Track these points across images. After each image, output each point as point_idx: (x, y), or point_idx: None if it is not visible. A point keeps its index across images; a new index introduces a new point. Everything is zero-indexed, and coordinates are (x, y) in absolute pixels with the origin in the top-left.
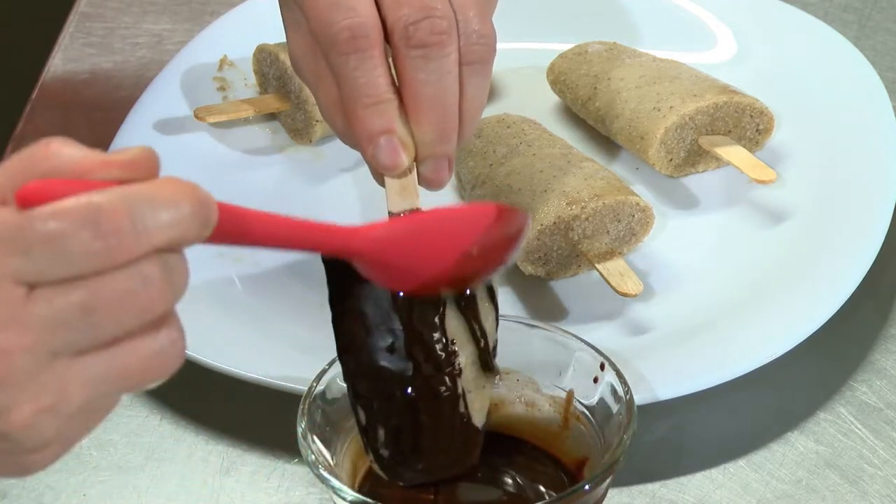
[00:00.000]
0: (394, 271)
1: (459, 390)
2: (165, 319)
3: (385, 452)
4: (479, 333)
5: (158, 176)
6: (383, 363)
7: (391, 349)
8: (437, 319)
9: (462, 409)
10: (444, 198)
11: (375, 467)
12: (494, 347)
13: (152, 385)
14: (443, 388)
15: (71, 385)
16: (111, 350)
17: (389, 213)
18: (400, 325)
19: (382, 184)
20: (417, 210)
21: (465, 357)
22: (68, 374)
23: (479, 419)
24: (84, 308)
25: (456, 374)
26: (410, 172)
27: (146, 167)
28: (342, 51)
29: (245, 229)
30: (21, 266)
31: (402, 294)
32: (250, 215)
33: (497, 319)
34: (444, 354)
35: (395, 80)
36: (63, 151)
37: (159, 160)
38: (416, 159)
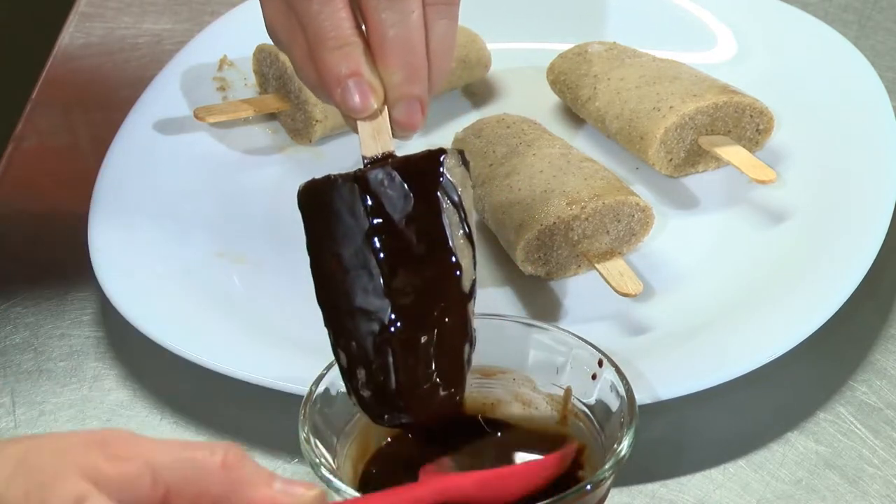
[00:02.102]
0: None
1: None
2: None
3: (367, 393)
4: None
5: None
6: (361, 303)
7: (368, 288)
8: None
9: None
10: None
11: (359, 409)
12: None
13: None
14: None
15: None
16: None
17: (363, 157)
18: (376, 261)
19: (356, 129)
20: (391, 154)
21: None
22: None
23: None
24: None
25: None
26: (381, 115)
27: None
28: None
29: None
30: None
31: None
32: None
33: (474, 254)
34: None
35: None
36: (240, 478)
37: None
38: (386, 103)
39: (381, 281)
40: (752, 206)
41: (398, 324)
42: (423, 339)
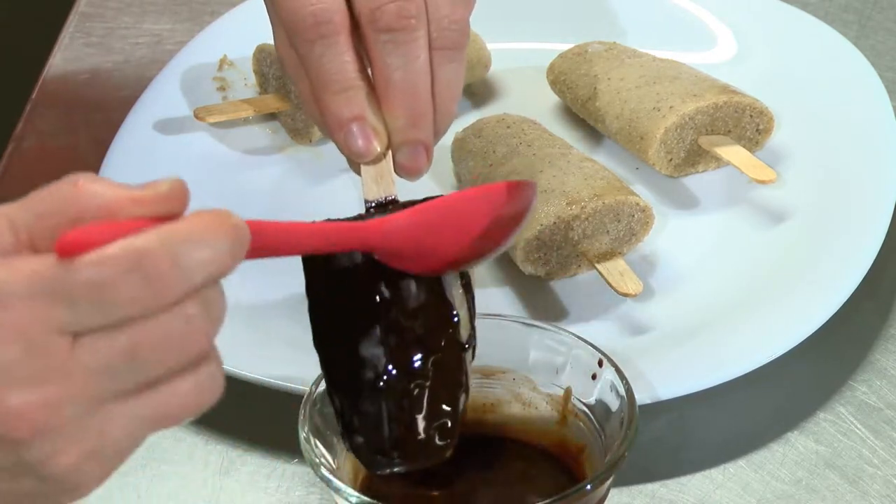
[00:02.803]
0: (410, 258)
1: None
2: (205, 354)
3: (360, 439)
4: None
5: (188, 206)
6: (359, 350)
7: (366, 336)
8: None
9: (439, 390)
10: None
11: (351, 454)
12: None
13: (190, 419)
14: (419, 368)
15: (113, 427)
16: (153, 391)
17: (365, 201)
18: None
19: (358, 172)
20: (394, 198)
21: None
22: (111, 417)
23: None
24: (129, 354)
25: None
26: (385, 159)
27: (177, 200)
28: (307, 38)
29: (271, 244)
30: (65, 317)
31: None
32: (274, 229)
33: (472, 306)
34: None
35: (368, 68)
36: (91, 190)
37: (188, 191)
38: (390, 147)
39: (378, 330)
40: (752, 206)
41: (393, 373)
42: (417, 390)
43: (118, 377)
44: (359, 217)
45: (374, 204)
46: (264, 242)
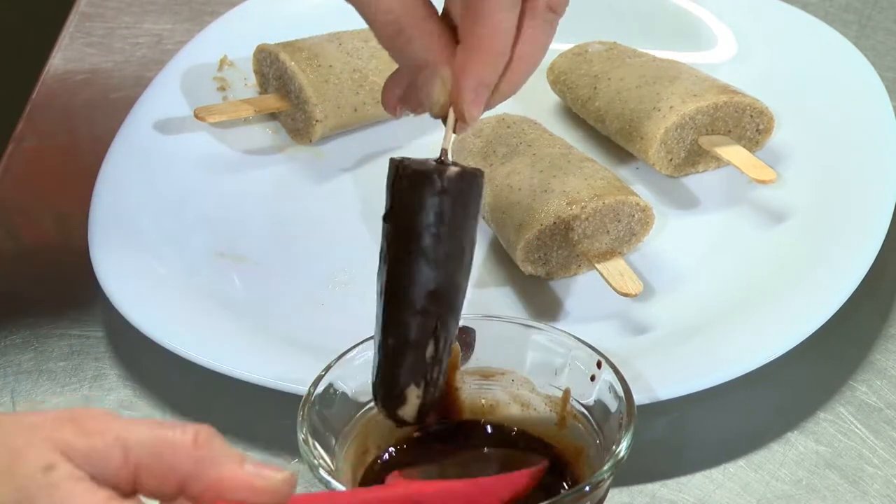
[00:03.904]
0: None
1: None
2: None
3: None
4: None
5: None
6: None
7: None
8: None
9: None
10: None
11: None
12: None
13: None
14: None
15: None
16: None
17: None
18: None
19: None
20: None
21: None
22: None
23: None
24: None
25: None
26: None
27: (286, 496)
28: None
29: None
30: None
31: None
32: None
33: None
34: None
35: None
36: (210, 455)
37: (296, 483)
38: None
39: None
40: (752, 206)
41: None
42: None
43: None
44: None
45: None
46: None
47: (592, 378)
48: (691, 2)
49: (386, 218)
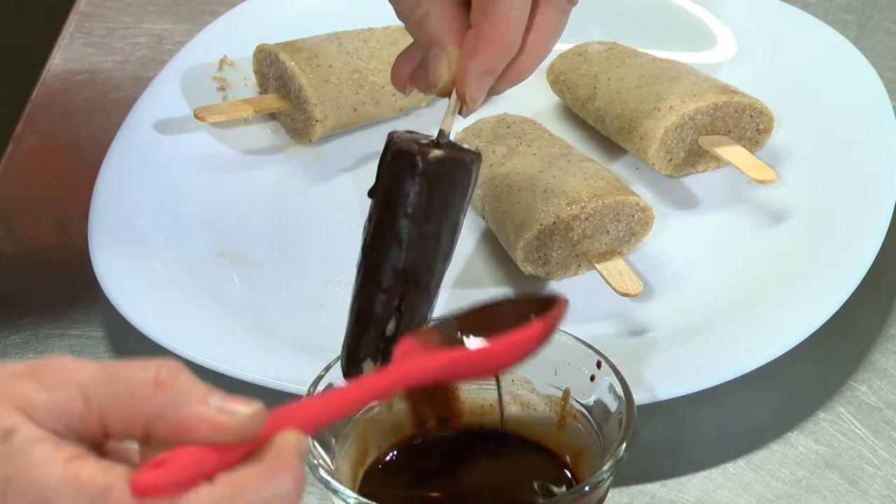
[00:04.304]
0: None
1: None
2: None
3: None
4: None
5: (261, 429)
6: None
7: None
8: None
9: None
10: None
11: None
12: None
13: None
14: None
15: None
16: None
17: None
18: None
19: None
20: (441, 133)
21: None
22: None
23: None
24: None
25: None
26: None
27: (254, 430)
28: None
29: (318, 423)
30: None
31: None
32: (319, 410)
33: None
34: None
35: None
36: (172, 395)
37: (266, 417)
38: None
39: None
40: (752, 206)
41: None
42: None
43: None
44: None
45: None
46: (322, 423)
47: (592, 378)
48: (691, 2)
49: (370, 193)
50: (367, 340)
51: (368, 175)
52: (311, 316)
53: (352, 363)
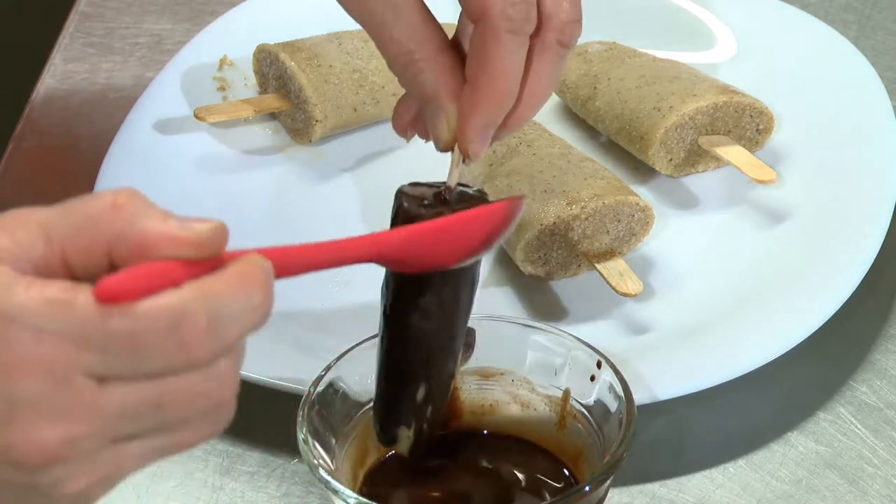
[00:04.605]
0: (407, 266)
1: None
2: (227, 401)
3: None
4: None
5: (225, 247)
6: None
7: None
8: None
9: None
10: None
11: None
12: None
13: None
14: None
15: (127, 460)
16: (172, 432)
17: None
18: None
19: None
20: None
21: None
22: (127, 452)
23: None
24: (154, 404)
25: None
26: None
27: (216, 245)
28: None
29: (292, 268)
30: (96, 362)
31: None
32: (294, 253)
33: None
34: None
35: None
36: (131, 216)
37: (228, 234)
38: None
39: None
40: (752, 206)
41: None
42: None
43: (140, 422)
44: None
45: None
46: (283, 268)
47: (592, 378)
48: (691, 2)
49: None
50: (398, 411)
51: (368, 175)
52: (311, 316)
53: (387, 432)
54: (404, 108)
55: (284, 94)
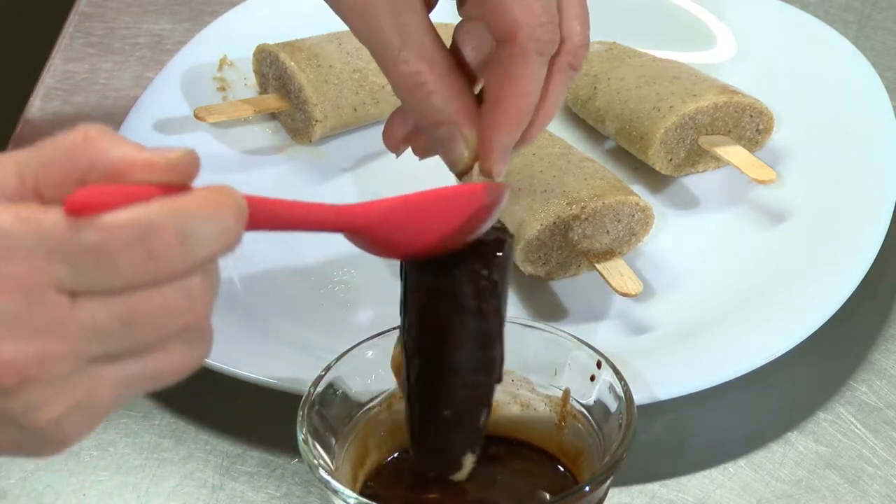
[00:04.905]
0: (385, 244)
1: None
2: (200, 324)
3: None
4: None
5: (197, 176)
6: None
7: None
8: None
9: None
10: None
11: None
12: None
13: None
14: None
15: (101, 387)
16: (144, 355)
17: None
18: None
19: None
20: None
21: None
22: (100, 376)
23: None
24: (125, 320)
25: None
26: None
27: (187, 171)
28: None
29: (266, 219)
30: (66, 276)
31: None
32: (270, 205)
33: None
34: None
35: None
36: (102, 146)
37: (199, 161)
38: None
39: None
40: (752, 206)
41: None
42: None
43: (112, 340)
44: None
45: None
46: (260, 217)
47: (592, 378)
48: (691, 2)
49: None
50: (463, 439)
51: (368, 175)
52: (311, 316)
53: (451, 462)
54: (399, 122)
55: (284, 94)
